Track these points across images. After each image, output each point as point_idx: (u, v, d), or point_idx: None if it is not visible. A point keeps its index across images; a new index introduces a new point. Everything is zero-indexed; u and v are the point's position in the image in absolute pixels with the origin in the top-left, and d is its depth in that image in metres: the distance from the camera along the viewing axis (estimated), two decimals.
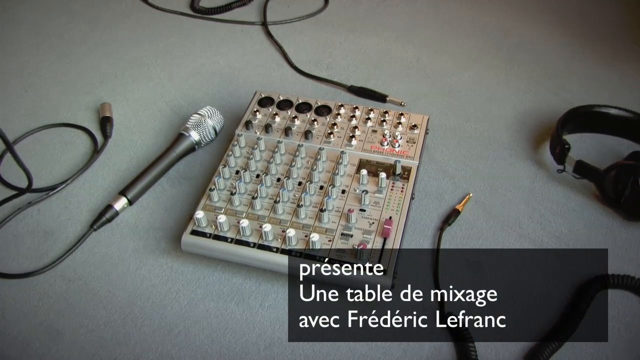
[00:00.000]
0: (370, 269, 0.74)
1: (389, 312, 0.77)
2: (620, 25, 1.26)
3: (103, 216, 0.86)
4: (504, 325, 0.75)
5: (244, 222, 0.78)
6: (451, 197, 0.90)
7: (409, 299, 0.78)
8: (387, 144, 0.90)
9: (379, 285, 0.74)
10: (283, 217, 0.80)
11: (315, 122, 0.93)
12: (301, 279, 0.79)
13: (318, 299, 0.78)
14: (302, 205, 0.81)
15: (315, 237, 0.76)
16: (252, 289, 0.80)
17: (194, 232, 0.80)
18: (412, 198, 0.83)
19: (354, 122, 0.94)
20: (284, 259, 0.76)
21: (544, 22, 1.27)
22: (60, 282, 0.81)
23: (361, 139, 0.91)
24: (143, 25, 1.30)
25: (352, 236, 0.78)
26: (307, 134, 0.91)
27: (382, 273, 0.74)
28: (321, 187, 0.84)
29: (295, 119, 0.94)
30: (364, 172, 0.84)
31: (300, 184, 0.85)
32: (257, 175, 0.86)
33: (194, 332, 0.75)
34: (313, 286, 0.79)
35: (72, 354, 0.74)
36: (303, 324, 0.76)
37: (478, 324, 0.75)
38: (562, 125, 0.92)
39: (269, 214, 0.81)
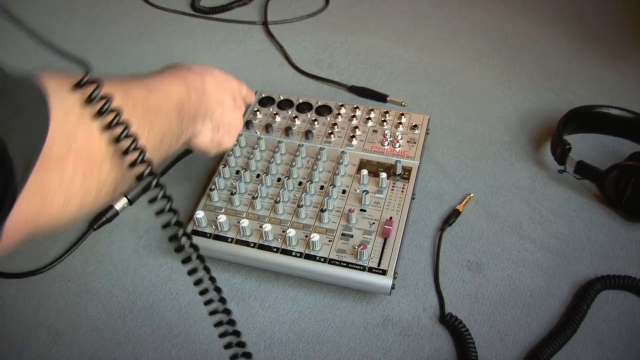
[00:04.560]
0: (371, 270, 0.74)
1: (389, 312, 0.77)
2: (620, 26, 1.25)
3: (103, 216, 0.86)
4: (504, 325, 0.75)
5: (244, 222, 0.78)
6: (452, 198, 0.90)
7: (409, 299, 0.78)
8: (388, 144, 0.90)
9: (379, 286, 0.74)
10: (283, 217, 0.80)
11: (316, 122, 0.93)
12: (301, 279, 0.79)
13: (318, 299, 0.78)
14: (302, 205, 0.80)
15: (315, 237, 0.76)
16: (252, 289, 0.80)
17: (194, 232, 0.80)
18: (412, 198, 0.83)
19: (354, 122, 0.93)
20: (284, 259, 0.76)
21: (544, 22, 1.27)
22: (60, 282, 0.81)
23: (362, 139, 0.91)
24: (144, 24, 1.30)
25: (352, 236, 0.78)
26: (307, 134, 0.91)
27: (382, 273, 0.74)
28: (321, 187, 0.84)
29: (296, 119, 0.94)
30: (364, 172, 0.84)
31: (300, 184, 0.85)
32: (258, 175, 0.86)
33: (193, 332, 0.75)
34: (313, 286, 0.79)
35: (72, 354, 0.74)
36: (303, 323, 0.76)
37: (479, 324, 0.75)
38: (563, 126, 0.91)
39: (269, 214, 0.81)
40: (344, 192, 0.83)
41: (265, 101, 0.98)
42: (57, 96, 0.39)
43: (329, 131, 0.92)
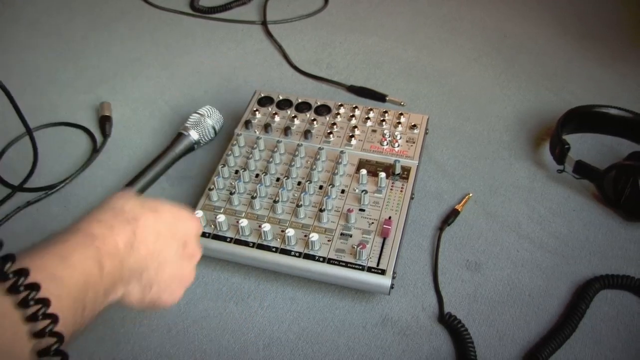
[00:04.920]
0: (370, 269, 0.74)
1: (388, 312, 0.77)
2: (619, 26, 1.26)
3: None
4: (502, 325, 0.75)
5: (243, 222, 0.78)
6: (451, 197, 0.90)
7: (408, 299, 0.78)
8: (387, 143, 0.90)
9: (378, 286, 0.74)
10: (282, 217, 0.80)
11: (315, 122, 0.93)
12: (300, 278, 0.79)
13: (317, 299, 0.78)
14: (301, 205, 0.80)
15: (314, 236, 0.76)
16: (251, 289, 0.80)
17: None
18: (411, 198, 0.83)
19: (353, 121, 0.93)
20: (283, 259, 0.76)
21: (544, 22, 1.27)
22: None
23: (361, 139, 0.91)
24: (143, 24, 1.30)
25: (351, 236, 0.78)
26: (306, 134, 0.91)
27: (381, 273, 0.74)
28: (320, 187, 0.84)
29: (295, 119, 0.94)
30: (363, 171, 0.84)
31: (299, 183, 0.85)
32: (257, 175, 0.86)
33: (192, 332, 0.75)
34: (312, 286, 0.79)
35: (71, 354, 0.74)
36: (302, 323, 0.76)
37: (478, 324, 0.75)
38: (561, 126, 0.92)
39: (268, 214, 0.81)
40: (343, 191, 0.83)
41: (264, 101, 0.98)
42: None
43: (328, 131, 0.92)
